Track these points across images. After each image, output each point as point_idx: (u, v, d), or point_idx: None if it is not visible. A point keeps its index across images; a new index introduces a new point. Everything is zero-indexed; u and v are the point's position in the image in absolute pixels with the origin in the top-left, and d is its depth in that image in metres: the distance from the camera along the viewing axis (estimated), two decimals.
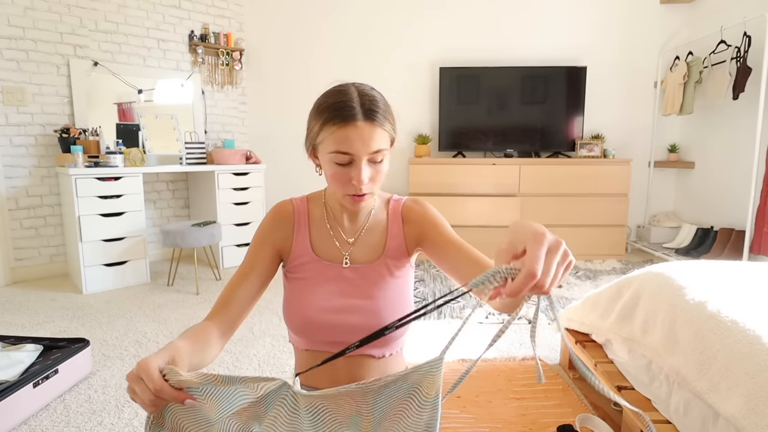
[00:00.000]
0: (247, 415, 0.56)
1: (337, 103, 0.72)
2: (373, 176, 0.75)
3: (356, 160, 0.72)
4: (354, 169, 0.73)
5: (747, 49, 2.95)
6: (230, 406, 0.55)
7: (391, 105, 0.79)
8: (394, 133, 0.79)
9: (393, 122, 0.78)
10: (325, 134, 0.73)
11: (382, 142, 0.74)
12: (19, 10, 2.86)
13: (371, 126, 0.72)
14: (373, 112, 0.73)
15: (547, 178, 3.54)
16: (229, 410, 0.55)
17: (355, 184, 0.73)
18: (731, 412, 0.88)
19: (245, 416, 0.56)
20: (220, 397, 0.54)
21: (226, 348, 1.94)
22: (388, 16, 3.85)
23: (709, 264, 1.40)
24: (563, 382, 1.62)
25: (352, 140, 0.71)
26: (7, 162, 2.90)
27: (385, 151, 0.75)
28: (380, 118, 0.74)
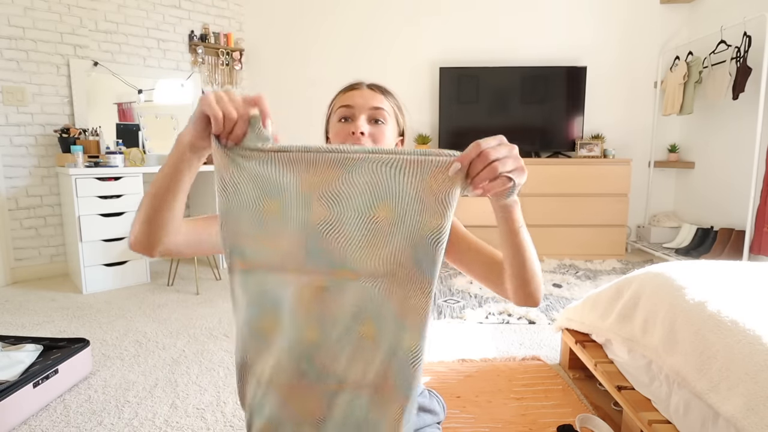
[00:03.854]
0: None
1: (349, 83, 0.84)
2: (373, 134, 0.79)
3: (356, 113, 0.79)
4: (355, 124, 0.78)
5: (747, 49, 2.95)
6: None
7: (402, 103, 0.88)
8: (402, 120, 0.86)
9: (400, 108, 0.86)
10: (335, 102, 0.83)
11: (384, 105, 0.80)
12: (19, 10, 2.86)
13: (373, 92, 0.81)
14: (378, 85, 0.83)
15: (547, 178, 3.54)
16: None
17: (354, 132, 0.77)
18: (731, 412, 0.88)
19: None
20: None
21: (226, 349, 1.94)
22: (388, 16, 3.85)
23: (709, 264, 1.40)
24: (563, 382, 1.62)
25: (354, 96, 0.80)
26: (7, 162, 2.90)
27: (387, 115, 0.80)
28: (384, 90, 0.83)
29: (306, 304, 0.58)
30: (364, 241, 0.56)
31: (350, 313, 0.57)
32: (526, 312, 2.31)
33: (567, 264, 3.37)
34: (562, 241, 3.56)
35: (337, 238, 0.56)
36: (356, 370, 0.58)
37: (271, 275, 0.58)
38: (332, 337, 0.58)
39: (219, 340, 2.02)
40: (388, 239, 0.55)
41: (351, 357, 0.58)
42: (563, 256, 3.54)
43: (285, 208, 0.57)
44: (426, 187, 0.54)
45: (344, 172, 0.55)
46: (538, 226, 3.56)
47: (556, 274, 3.08)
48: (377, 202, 0.55)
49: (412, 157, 0.53)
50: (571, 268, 3.25)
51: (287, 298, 0.58)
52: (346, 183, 0.55)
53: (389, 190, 0.54)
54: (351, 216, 0.55)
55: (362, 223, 0.55)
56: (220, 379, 1.68)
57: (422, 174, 0.54)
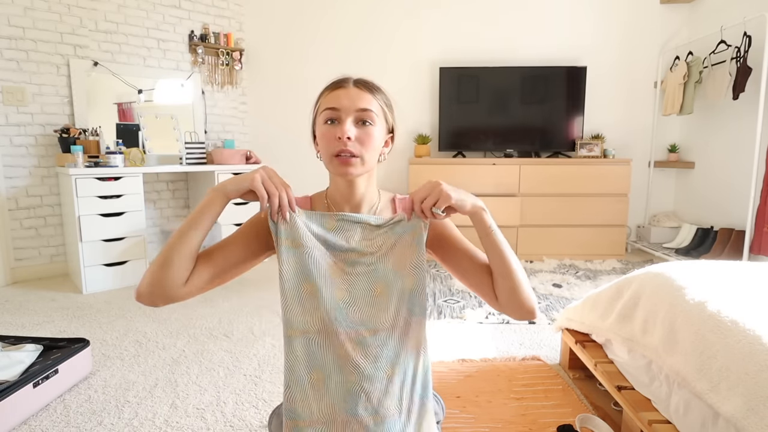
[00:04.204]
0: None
1: (335, 79, 0.83)
2: (360, 137, 0.78)
3: (343, 116, 0.78)
4: (341, 127, 0.77)
5: (747, 49, 2.95)
6: None
7: (392, 98, 0.86)
8: (391, 117, 0.85)
9: (389, 105, 0.84)
10: (320, 102, 0.82)
11: (372, 106, 0.79)
12: (19, 10, 2.86)
13: (361, 90, 0.79)
14: (365, 82, 0.81)
15: (547, 178, 3.54)
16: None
17: (340, 137, 0.76)
18: (731, 412, 0.88)
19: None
20: None
21: (226, 348, 1.94)
22: (388, 16, 3.85)
23: (709, 264, 1.40)
24: (563, 382, 1.62)
25: (340, 98, 0.78)
26: (7, 162, 2.90)
27: (375, 116, 0.79)
28: (371, 88, 0.81)
29: (344, 358, 0.78)
30: (372, 307, 0.81)
31: (374, 358, 0.79)
32: None
33: (567, 264, 3.37)
34: (562, 241, 3.56)
35: (355, 309, 0.80)
36: (388, 405, 0.78)
37: (314, 338, 0.79)
38: (366, 374, 0.78)
39: (219, 340, 2.02)
40: (388, 304, 0.81)
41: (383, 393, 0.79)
42: (563, 256, 3.54)
43: (318, 291, 0.79)
44: (397, 265, 0.81)
45: (349, 267, 0.82)
46: (538, 226, 3.56)
47: (556, 274, 3.08)
48: (374, 284, 0.81)
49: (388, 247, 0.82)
50: (571, 268, 3.25)
51: (328, 355, 0.79)
52: (351, 273, 0.82)
53: (379, 275, 0.81)
54: (360, 294, 0.81)
55: (368, 297, 0.81)
56: (220, 379, 1.68)
57: (393, 259, 0.82)
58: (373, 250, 0.81)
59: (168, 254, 0.73)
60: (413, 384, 0.81)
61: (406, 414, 0.79)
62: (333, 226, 0.82)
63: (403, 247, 0.81)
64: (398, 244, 0.81)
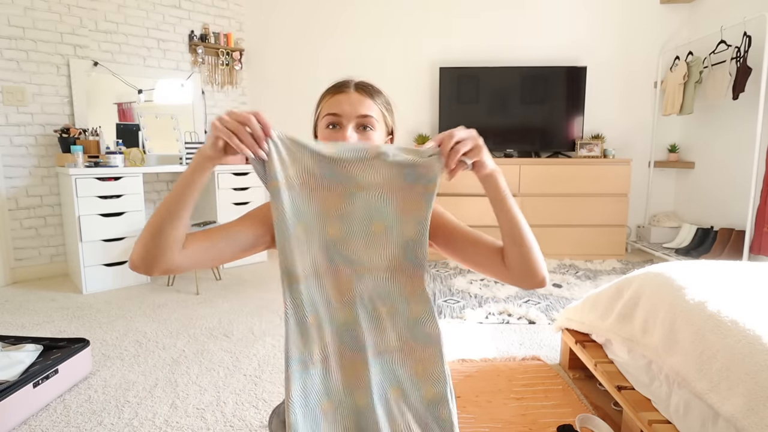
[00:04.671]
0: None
1: (335, 82, 0.83)
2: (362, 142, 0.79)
3: (344, 122, 0.79)
4: (342, 132, 0.78)
5: (747, 49, 2.95)
6: None
7: (391, 100, 0.86)
8: (391, 120, 0.86)
9: (389, 108, 0.85)
10: (321, 106, 0.83)
11: (372, 111, 0.80)
12: (19, 10, 2.86)
13: (361, 95, 0.80)
14: (366, 86, 0.82)
15: (547, 178, 3.54)
16: None
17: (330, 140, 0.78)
18: (731, 412, 0.88)
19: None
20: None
21: (226, 348, 1.94)
22: (388, 16, 3.85)
23: (709, 264, 1.40)
24: (563, 382, 1.62)
25: (342, 103, 0.79)
26: (7, 162, 2.90)
27: (375, 121, 0.80)
28: (372, 92, 0.82)
29: (339, 295, 0.76)
30: (368, 246, 0.76)
31: (370, 296, 0.77)
32: (526, 312, 2.31)
33: (567, 264, 3.37)
34: (562, 241, 3.56)
35: (349, 246, 0.76)
36: (378, 340, 0.77)
37: (309, 282, 0.75)
38: (358, 315, 0.76)
39: (219, 340, 2.02)
40: (385, 244, 0.76)
41: (371, 329, 0.77)
42: (563, 256, 3.54)
43: (309, 230, 0.75)
44: (400, 209, 0.76)
45: (347, 200, 0.75)
46: (538, 226, 3.54)
47: (556, 274, 3.08)
48: (372, 221, 0.76)
49: (392, 188, 0.75)
50: (571, 268, 3.25)
51: (324, 296, 0.76)
52: (349, 207, 0.75)
53: (379, 213, 0.76)
54: (356, 231, 0.76)
55: (364, 234, 0.76)
56: (220, 379, 1.68)
57: (396, 200, 0.75)
58: (376, 183, 0.74)
59: (159, 222, 0.70)
60: (410, 327, 0.77)
61: (406, 352, 0.76)
62: (331, 154, 0.73)
63: (411, 195, 0.75)
64: (406, 190, 0.75)
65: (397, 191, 0.75)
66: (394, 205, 0.75)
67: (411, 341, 0.77)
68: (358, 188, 0.75)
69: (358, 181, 0.74)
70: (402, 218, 0.76)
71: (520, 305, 2.44)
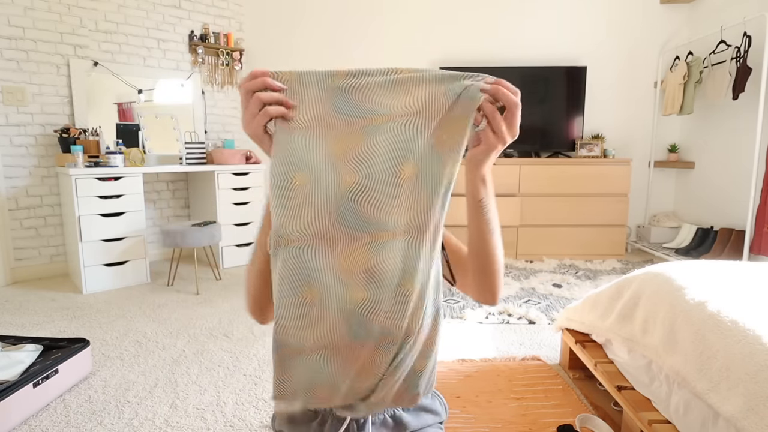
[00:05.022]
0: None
1: None
2: None
3: None
4: None
5: (747, 49, 2.95)
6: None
7: None
8: None
9: None
10: None
11: None
12: (19, 10, 2.86)
13: None
14: None
15: (547, 178, 3.54)
16: None
17: None
18: (731, 412, 0.88)
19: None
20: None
21: (226, 348, 1.94)
22: (388, 16, 3.85)
23: (709, 264, 1.40)
24: (563, 382, 1.62)
25: None
26: (7, 162, 2.90)
27: None
28: None
29: (349, 270, 0.58)
30: (395, 201, 0.57)
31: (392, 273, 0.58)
32: (526, 312, 2.31)
33: (567, 264, 3.37)
34: (562, 241, 3.56)
35: (368, 201, 0.57)
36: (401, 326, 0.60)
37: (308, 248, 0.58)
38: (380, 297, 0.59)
39: (219, 340, 2.02)
40: (415, 195, 0.57)
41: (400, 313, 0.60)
42: (563, 256, 3.54)
43: (315, 180, 0.57)
44: (438, 140, 0.57)
45: (366, 137, 0.57)
46: (538, 226, 3.56)
47: (556, 274, 3.08)
48: (401, 162, 0.57)
49: (431, 111, 0.57)
50: (571, 268, 3.25)
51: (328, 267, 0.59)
52: (369, 148, 0.57)
53: (409, 149, 0.57)
54: (379, 178, 0.57)
55: (390, 183, 0.57)
56: (220, 379, 1.68)
57: (432, 129, 0.57)
58: (409, 108, 0.57)
59: (256, 292, 0.67)
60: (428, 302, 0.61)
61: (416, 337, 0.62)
62: (344, 83, 0.58)
63: (449, 117, 0.57)
64: (446, 112, 0.57)
65: (435, 116, 0.57)
66: (428, 135, 0.57)
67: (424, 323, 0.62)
68: (382, 120, 0.57)
69: (383, 111, 0.57)
70: (440, 153, 0.57)
71: (520, 305, 2.44)
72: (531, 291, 2.72)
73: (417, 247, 0.58)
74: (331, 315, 0.59)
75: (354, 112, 0.57)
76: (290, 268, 0.58)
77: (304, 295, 0.58)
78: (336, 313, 0.59)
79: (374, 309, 0.59)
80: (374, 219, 0.57)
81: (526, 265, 3.37)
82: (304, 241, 0.58)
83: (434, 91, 0.57)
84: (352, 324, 0.59)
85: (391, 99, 0.57)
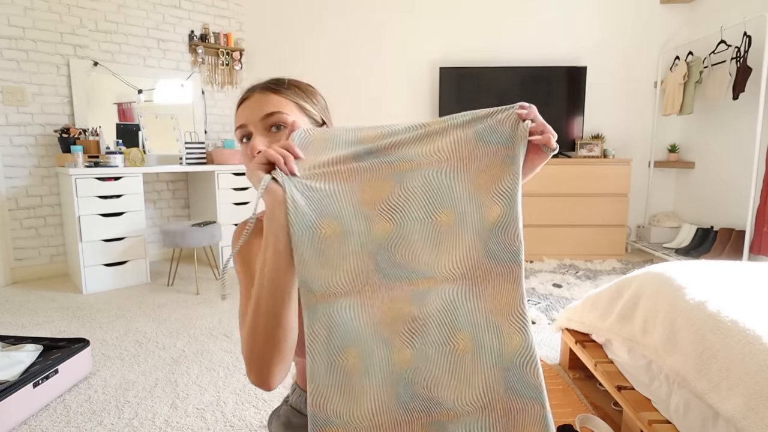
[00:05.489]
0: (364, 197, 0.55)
1: (243, 92, 0.73)
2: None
3: (251, 129, 0.69)
4: (252, 143, 0.68)
5: (747, 49, 2.95)
6: None
7: (317, 91, 0.77)
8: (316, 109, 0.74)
9: (307, 96, 0.74)
10: (235, 120, 0.73)
11: (281, 107, 0.69)
12: (19, 10, 2.86)
13: (265, 94, 0.70)
14: (273, 82, 0.72)
15: (547, 178, 3.53)
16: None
17: (249, 154, 0.67)
18: (731, 412, 0.88)
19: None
20: None
21: (226, 348, 1.94)
22: (388, 16, 3.85)
23: (709, 264, 1.40)
24: (563, 382, 1.62)
25: (245, 111, 0.70)
26: (7, 162, 2.90)
27: (287, 117, 0.68)
28: (278, 85, 0.71)
29: (389, 325, 0.53)
30: (434, 247, 0.54)
31: (439, 325, 0.53)
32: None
33: (567, 264, 3.37)
34: (562, 241, 3.56)
35: (406, 249, 0.54)
36: (465, 392, 0.52)
37: (343, 303, 0.52)
38: (427, 355, 0.52)
39: (219, 340, 2.02)
40: (457, 241, 0.54)
41: (455, 377, 0.52)
42: (563, 256, 3.54)
43: (346, 229, 0.53)
44: (476, 186, 0.55)
45: (397, 184, 0.55)
46: (538, 226, 3.56)
47: (556, 274, 3.07)
48: (436, 209, 0.55)
49: (462, 157, 0.55)
50: (571, 268, 3.25)
51: (367, 325, 0.52)
52: (401, 195, 0.55)
53: (444, 196, 0.55)
54: (414, 226, 0.54)
55: (427, 230, 0.54)
56: (220, 379, 1.68)
57: (468, 174, 0.55)
58: (437, 156, 0.56)
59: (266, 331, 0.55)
60: (500, 367, 0.52)
61: (491, 411, 0.52)
62: (372, 145, 0.56)
63: (488, 162, 0.55)
64: (480, 157, 0.55)
65: (468, 161, 0.55)
66: (466, 180, 0.55)
67: (504, 395, 0.52)
68: (411, 166, 0.55)
69: (411, 157, 0.55)
70: (479, 197, 0.55)
71: None
72: (531, 291, 2.72)
73: (464, 297, 0.53)
74: (376, 384, 0.51)
75: (380, 159, 0.55)
76: (327, 329, 0.51)
77: (343, 361, 0.51)
78: (381, 379, 0.52)
79: (422, 371, 0.52)
80: (414, 266, 0.54)
81: (526, 265, 3.37)
82: (338, 297, 0.52)
83: (462, 137, 0.56)
84: (400, 393, 0.51)
85: (419, 147, 0.56)
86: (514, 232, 0.53)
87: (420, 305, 0.53)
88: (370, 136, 0.57)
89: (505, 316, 0.53)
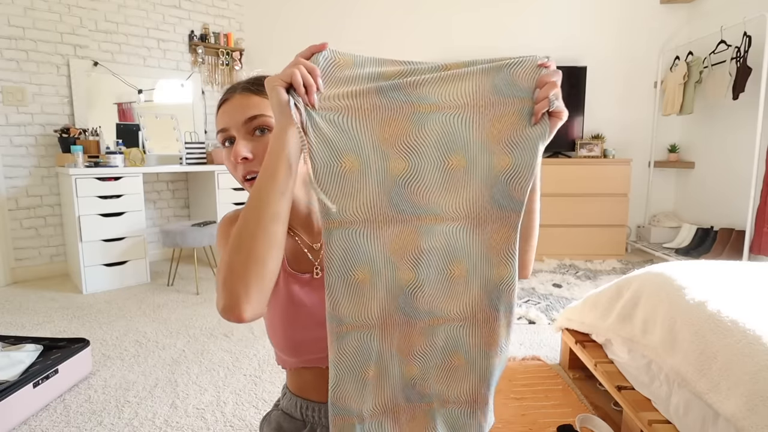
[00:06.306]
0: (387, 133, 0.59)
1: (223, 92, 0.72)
2: (257, 151, 0.66)
3: (234, 133, 0.67)
4: (235, 148, 0.66)
5: (747, 49, 2.95)
6: None
7: None
8: None
9: None
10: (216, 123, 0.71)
11: (262, 109, 0.67)
12: (19, 10, 2.86)
13: (247, 95, 0.68)
14: (253, 81, 0.70)
15: (547, 178, 3.53)
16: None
17: (232, 160, 0.66)
18: (731, 412, 0.88)
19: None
20: None
21: (226, 348, 1.94)
22: (388, 16, 3.85)
23: (709, 264, 1.40)
24: (563, 382, 1.62)
25: (226, 114, 0.68)
26: (7, 162, 2.90)
27: (269, 119, 0.67)
28: (261, 89, 0.68)
29: (399, 251, 0.59)
30: (443, 188, 0.59)
31: (440, 256, 0.60)
32: (526, 312, 2.31)
33: (567, 264, 3.37)
34: (562, 241, 3.56)
35: (418, 187, 0.59)
36: (455, 306, 0.62)
37: (359, 231, 0.58)
38: (429, 278, 0.60)
39: (219, 340, 2.02)
40: (465, 184, 0.59)
41: (448, 296, 0.61)
42: (563, 256, 3.54)
43: (364, 164, 0.57)
44: (488, 134, 0.58)
45: (415, 126, 0.58)
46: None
47: (556, 274, 3.07)
48: (449, 153, 0.58)
49: (478, 106, 0.58)
50: (571, 268, 3.25)
51: (378, 249, 0.59)
52: (418, 136, 0.58)
53: (458, 142, 0.58)
54: (427, 166, 0.58)
55: (438, 171, 0.59)
56: (220, 379, 1.68)
57: (483, 123, 0.58)
58: (456, 102, 0.59)
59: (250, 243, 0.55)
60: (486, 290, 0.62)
61: (474, 319, 0.63)
62: (392, 81, 0.60)
63: (504, 114, 0.58)
64: (497, 107, 0.58)
65: (484, 109, 0.58)
66: (480, 128, 0.58)
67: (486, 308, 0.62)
68: (430, 109, 0.58)
69: (431, 99, 0.58)
70: (490, 146, 0.58)
71: (520, 305, 2.44)
72: (531, 291, 2.72)
73: (465, 233, 0.60)
74: (381, 294, 0.60)
75: (401, 97, 0.58)
76: (342, 250, 0.58)
77: (355, 276, 0.58)
78: (386, 292, 0.60)
79: (421, 289, 0.60)
80: (424, 204, 0.59)
81: None
82: (355, 225, 0.58)
83: (480, 85, 0.59)
84: (400, 303, 0.61)
85: (439, 89, 0.59)
86: (519, 184, 0.57)
87: (426, 238, 0.59)
88: (392, 72, 0.61)
89: (497, 252, 0.60)
